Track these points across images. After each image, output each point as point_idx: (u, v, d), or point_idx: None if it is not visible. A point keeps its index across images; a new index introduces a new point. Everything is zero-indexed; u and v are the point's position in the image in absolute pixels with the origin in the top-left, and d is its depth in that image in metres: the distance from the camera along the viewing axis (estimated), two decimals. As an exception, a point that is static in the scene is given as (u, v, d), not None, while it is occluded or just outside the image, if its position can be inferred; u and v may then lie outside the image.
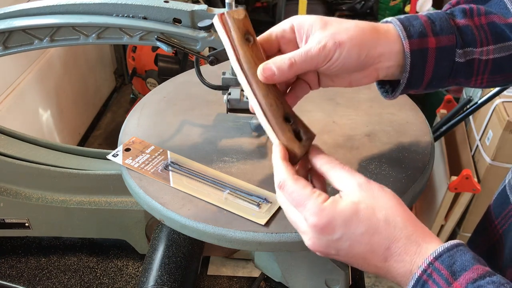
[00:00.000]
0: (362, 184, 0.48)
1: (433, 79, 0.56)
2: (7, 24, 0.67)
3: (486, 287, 0.41)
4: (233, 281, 0.87)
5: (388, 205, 0.47)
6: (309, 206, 0.48)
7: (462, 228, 1.88)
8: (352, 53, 0.53)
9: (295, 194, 0.49)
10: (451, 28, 0.55)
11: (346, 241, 0.47)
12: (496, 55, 0.56)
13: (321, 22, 0.54)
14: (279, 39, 0.56)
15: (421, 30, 0.54)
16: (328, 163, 0.52)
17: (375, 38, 0.54)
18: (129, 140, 0.72)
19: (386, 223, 0.46)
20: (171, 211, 0.59)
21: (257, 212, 0.59)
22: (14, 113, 1.80)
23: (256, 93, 0.54)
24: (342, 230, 0.47)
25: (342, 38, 0.52)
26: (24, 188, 0.84)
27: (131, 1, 0.66)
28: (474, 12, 0.56)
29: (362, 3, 2.29)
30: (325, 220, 0.47)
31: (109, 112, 2.77)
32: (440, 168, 1.88)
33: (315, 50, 0.52)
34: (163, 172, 0.66)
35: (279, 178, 0.51)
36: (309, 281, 0.72)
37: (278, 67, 0.53)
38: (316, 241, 0.48)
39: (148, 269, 0.74)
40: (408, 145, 0.69)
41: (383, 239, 0.46)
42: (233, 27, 0.55)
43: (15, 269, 0.89)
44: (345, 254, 0.48)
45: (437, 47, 0.55)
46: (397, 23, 0.55)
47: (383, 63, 0.55)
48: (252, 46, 0.55)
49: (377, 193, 0.48)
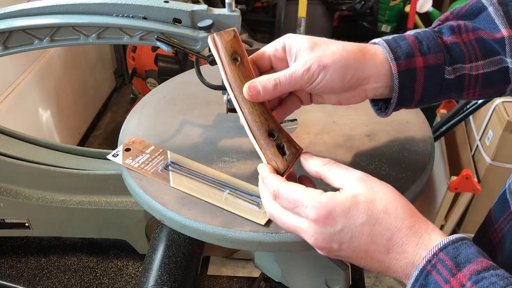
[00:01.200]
0: (361, 178, 0.49)
1: (424, 96, 0.58)
2: (7, 24, 0.67)
3: (490, 279, 0.41)
4: (233, 281, 0.87)
5: (388, 197, 0.48)
6: (307, 202, 0.49)
7: (462, 228, 1.88)
8: (336, 76, 0.55)
9: (291, 196, 0.50)
10: (438, 46, 0.56)
11: (347, 232, 0.47)
12: (486, 69, 0.57)
13: (309, 43, 0.56)
14: (271, 57, 0.59)
15: (408, 51, 0.56)
16: (323, 164, 0.53)
17: (361, 61, 0.55)
18: (129, 140, 0.72)
19: (387, 214, 0.47)
20: (171, 211, 0.59)
21: (257, 212, 0.59)
22: (14, 113, 1.80)
23: (242, 109, 0.57)
24: (343, 221, 0.47)
25: (327, 61, 0.54)
26: (24, 188, 0.84)
27: (131, 1, 0.66)
28: (462, 28, 0.57)
29: (362, 3, 2.29)
30: (325, 211, 0.47)
31: (109, 112, 2.78)
32: (440, 168, 1.88)
33: (299, 72, 0.55)
34: (163, 172, 0.66)
35: (272, 189, 0.52)
36: (309, 281, 0.72)
37: (263, 87, 0.55)
38: (319, 236, 0.49)
39: (148, 269, 0.74)
40: (408, 145, 0.69)
41: (384, 230, 0.46)
42: (221, 47, 0.59)
43: (15, 269, 0.89)
44: (348, 247, 0.48)
45: (425, 66, 0.56)
46: (384, 45, 0.57)
47: (370, 84, 0.57)
48: (239, 66, 0.58)
49: (376, 186, 0.49)
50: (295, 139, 0.63)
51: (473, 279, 0.41)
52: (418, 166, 0.65)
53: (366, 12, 2.35)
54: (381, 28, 2.52)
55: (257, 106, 0.57)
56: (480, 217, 0.72)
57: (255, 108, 0.57)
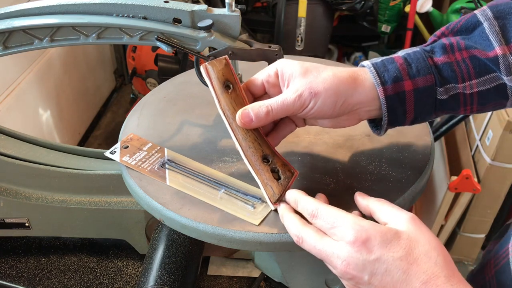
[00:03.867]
0: (411, 220, 0.48)
1: (417, 116, 0.58)
2: (7, 24, 0.67)
3: None
4: (233, 281, 0.87)
5: (432, 244, 0.47)
6: (347, 223, 0.47)
7: (462, 228, 1.88)
8: (327, 103, 0.55)
9: (332, 216, 0.49)
10: (428, 68, 0.55)
11: (383, 263, 0.45)
12: (480, 87, 0.56)
13: (301, 69, 0.56)
14: (264, 83, 0.59)
15: (396, 75, 0.55)
16: (377, 201, 0.52)
17: (351, 88, 0.55)
18: (127, 137, 0.72)
19: (427, 257, 0.45)
20: (171, 211, 0.59)
21: (252, 212, 0.59)
22: (14, 113, 1.80)
23: (236, 136, 0.58)
24: (381, 251, 0.45)
25: (318, 88, 0.54)
26: (24, 188, 0.84)
27: (131, 1, 0.66)
28: (454, 47, 0.56)
29: (362, 3, 2.28)
30: (365, 235, 0.46)
31: (109, 112, 2.78)
32: (440, 168, 1.88)
33: (291, 99, 0.55)
34: (159, 170, 0.66)
35: (310, 208, 0.51)
36: (309, 281, 0.72)
37: (256, 114, 0.56)
38: (352, 260, 0.46)
39: (148, 269, 0.74)
40: (408, 145, 0.69)
41: (421, 272, 0.45)
42: (214, 76, 0.60)
43: (15, 269, 0.89)
44: (379, 281, 0.46)
45: (414, 89, 0.55)
46: (371, 70, 0.56)
47: (362, 108, 0.57)
48: (231, 93, 0.60)
49: (424, 230, 0.48)
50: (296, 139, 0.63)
51: None
52: (418, 166, 0.65)
53: (366, 12, 2.35)
54: (381, 28, 2.52)
55: (250, 132, 0.58)
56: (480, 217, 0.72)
57: (249, 134, 0.58)
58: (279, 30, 2.22)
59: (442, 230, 1.87)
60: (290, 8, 2.23)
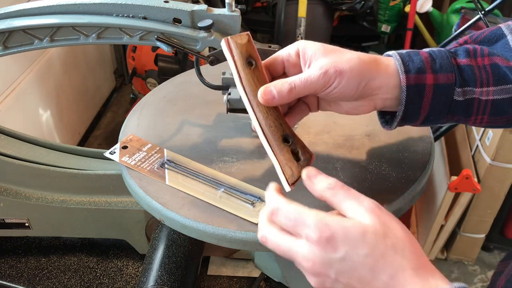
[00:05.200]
0: (372, 210, 0.46)
1: (430, 114, 0.57)
2: (7, 24, 0.67)
3: None
4: (233, 281, 0.87)
5: (398, 235, 0.46)
6: (310, 221, 0.46)
7: (462, 228, 1.88)
8: (352, 83, 0.54)
9: (293, 214, 0.47)
10: (451, 66, 0.56)
11: (348, 261, 0.45)
12: (496, 96, 0.56)
13: (324, 49, 0.55)
14: (284, 62, 0.58)
15: (420, 66, 0.55)
16: (329, 188, 0.49)
17: (374, 71, 0.55)
18: (127, 138, 0.72)
19: (393, 251, 0.44)
20: (171, 211, 0.59)
21: (251, 210, 0.59)
22: (14, 113, 1.80)
23: (257, 114, 0.56)
24: (346, 248, 0.44)
25: (343, 67, 0.54)
26: (24, 188, 0.84)
27: (131, 1, 0.66)
28: (477, 52, 0.57)
29: (362, 3, 2.29)
30: (329, 233, 0.45)
31: (109, 112, 2.78)
32: (440, 168, 1.88)
33: (315, 76, 0.54)
34: (159, 170, 0.66)
35: (271, 205, 0.49)
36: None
37: (278, 91, 0.55)
38: (318, 259, 0.45)
39: (148, 269, 0.74)
40: (408, 145, 0.69)
41: (388, 267, 0.44)
42: (236, 51, 0.58)
43: (15, 269, 0.89)
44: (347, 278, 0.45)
45: (434, 84, 0.55)
46: (397, 57, 0.57)
47: (380, 95, 0.57)
48: (254, 70, 0.57)
49: (388, 220, 0.47)
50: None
51: None
52: (418, 166, 0.65)
53: (366, 12, 2.35)
54: (381, 28, 2.53)
55: (271, 110, 0.56)
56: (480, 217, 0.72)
57: (270, 112, 0.56)
58: (279, 30, 2.22)
59: (442, 230, 1.87)
60: (290, 8, 2.23)
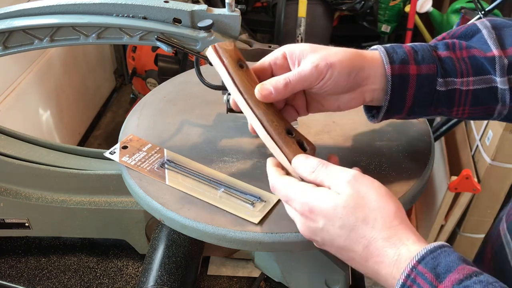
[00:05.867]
0: (350, 181, 0.49)
1: (414, 105, 0.59)
2: (7, 24, 0.67)
3: (473, 287, 0.40)
4: (233, 281, 0.87)
5: (372, 206, 0.48)
6: (295, 196, 0.51)
7: (462, 228, 1.88)
8: (343, 73, 0.56)
9: (283, 191, 0.53)
10: (432, 58, 0.58)
11: (327, 232, 0.49)
12: (476, 86, 0.58)
13: (311, 47, 0.58)
14: (272, 65, 0.60)
15: (403, 58, 0.58)
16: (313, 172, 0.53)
17: (362, 61, 0.58)
18: (127, 138, 0.72)
19: (364, 223, 0.47)
20: (171, 211, 0.59)
21: (251, 210, 0.59)
22: (14, 113, 1.80)
23: (256, 112, 0.58)
24: (323, 220, 0.49)
25: (333, 59, 0.56)
26: (24, 188, 0.84)
27: (131, 1, 0.66)
28: (456, 46, 0.60)
29: (362, 3, 2.29)
30: (307, 207, 0.50)
31: (109, 112, 2.78)
32: (440, 168, 1.88)
33: (308, 70, 0.56)
34: (159, 170, 0.66)
35: (270, 183, 0.55)
36: (309, 281, 0.72)
37: (275, 87, 0.57)
38: (305, 228, 0.51)
39: (148, 269, 0.74)
40: (408, 145, 0.69)
41: (361, 238, 0.47)
42: (225, 55, 0.59)
43: (15, 269, 0.89)
44: (331, 245, 0.50)
45: (417, 74, 0.58)
46: (381, 50, 0.59)
47: (369, 86, 0.59)
48: (246, 71, 0.59)
49: (364, 190, 0.49)
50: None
51: None
52: (418, 166, 0.65)
53: (366, 12, 2.35)
54: (381, 28, 2.52)
55: (269, 107, 0.58)
56: (480, 217, 0.72)
57: (269, 108, 0.58)
58: (279, 30, 2.22)
59: (442, 230, 1.87)
60: (290, 8, 2.23)
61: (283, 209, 0.58)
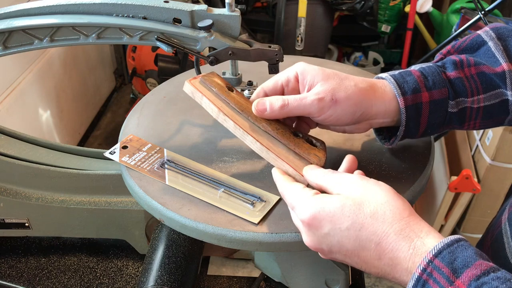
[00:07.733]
0: (354, 181, 0.49)
1: (428, 128, 0.59)
2: (7, 24, 0.67)
3: (491, 283, 0.39)
4: (233, 281, 0.87)
5: (379, 200, 0.47)
6: (298, 203, 0.50)
7: (462, 228, 1.88)
8: (347, 111, 0.56)
9: (288, 199, 0.52)
10: (443, 81, 0.58)
11: (334, 236, 0.47)
12: (486, 103, 0.58)
13: (323, 74, 0.57)
14: (284, 86, 0.60)
15: (415, 86, 0.57)
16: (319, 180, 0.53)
17: (371, 99, 0.57)
18: (127, 138, 0.72)
19: (373, 218, 0.45)
20: (171, 211, 0.59)
21: (251, 210, 0.59)
22: (14, 113, 1.80)
23: (259, 125, 0.59)
24: (329, 225, 0.47)
25: (340, 96, 0.55)
26: (24, 188, 0.84)
27: (131, 1, 0.66)
28: (464, 63, 0.59)
29: (362, 3, 2.29)
30: (309, 214, 0.48)
31: (109, 112, 2.78)
32: (440, 168, 1.88)
33: (310, 100, 0.56)
34: (159, 170, 0.66)
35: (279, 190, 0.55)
36: (309, 281, 0.72)
37: (270, 104, 0.57)
38: (309, 238, 0.50)
39: (148, 269, 0.74)
40: (408, 145, 0.69)
41: (371, 235, 0.45)
42: (211, 85, 0.61)
43: (15, 269, 0.89)
44: (338, 251, 0.48)
45: (430, 100, 0.57)
46: (391, 81, 0.58)
47: (377, 120, 0.59)
48: (237, 93, 0.61)
49: (369, 187, 0.48)
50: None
51: (473, 286, 0.39)
52: (418, 166, 0.65)
53: (366, 12, 2.35)
54: (381, 28, 2.53)
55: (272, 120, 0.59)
56: (480, 217, 0.72)
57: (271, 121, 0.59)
58: (279, 30, 2.22)
59: (442, 230, 1.87)
60: (290, 8, 2.23)
61: (283, 209, 0.58)
